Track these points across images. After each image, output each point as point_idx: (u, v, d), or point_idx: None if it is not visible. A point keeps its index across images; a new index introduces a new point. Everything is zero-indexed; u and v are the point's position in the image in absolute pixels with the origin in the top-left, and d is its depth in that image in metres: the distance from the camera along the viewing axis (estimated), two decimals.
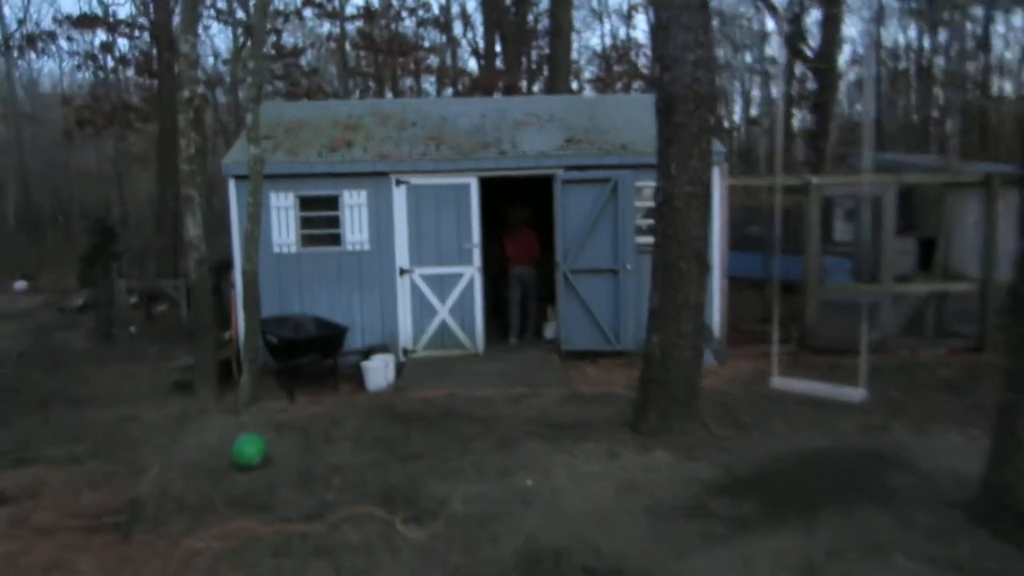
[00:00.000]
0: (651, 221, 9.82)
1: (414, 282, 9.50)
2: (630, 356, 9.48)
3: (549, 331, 10.24)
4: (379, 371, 8.57)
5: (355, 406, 7.68)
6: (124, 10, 47.00)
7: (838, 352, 9.24)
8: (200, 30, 18.50)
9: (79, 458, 6.39)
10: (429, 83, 23.71)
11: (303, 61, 21.36)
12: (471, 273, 9.54)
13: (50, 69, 42.34)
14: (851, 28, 27.63)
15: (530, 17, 21.15)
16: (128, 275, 14.47)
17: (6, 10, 28.12)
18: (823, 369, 8.77)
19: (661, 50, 6.02)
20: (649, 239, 9.57)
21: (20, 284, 18.38)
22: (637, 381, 6.56)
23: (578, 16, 24.13)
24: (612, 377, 8.75)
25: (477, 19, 23.30)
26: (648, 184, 9.56)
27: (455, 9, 23.34)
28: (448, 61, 23.34)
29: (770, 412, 7.15)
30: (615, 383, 8.47)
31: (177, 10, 15.91)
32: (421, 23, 21.88)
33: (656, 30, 6.35)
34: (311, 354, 8.25)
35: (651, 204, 9.71)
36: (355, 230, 9.41)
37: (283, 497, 5.32)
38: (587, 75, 23.84)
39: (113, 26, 17.65)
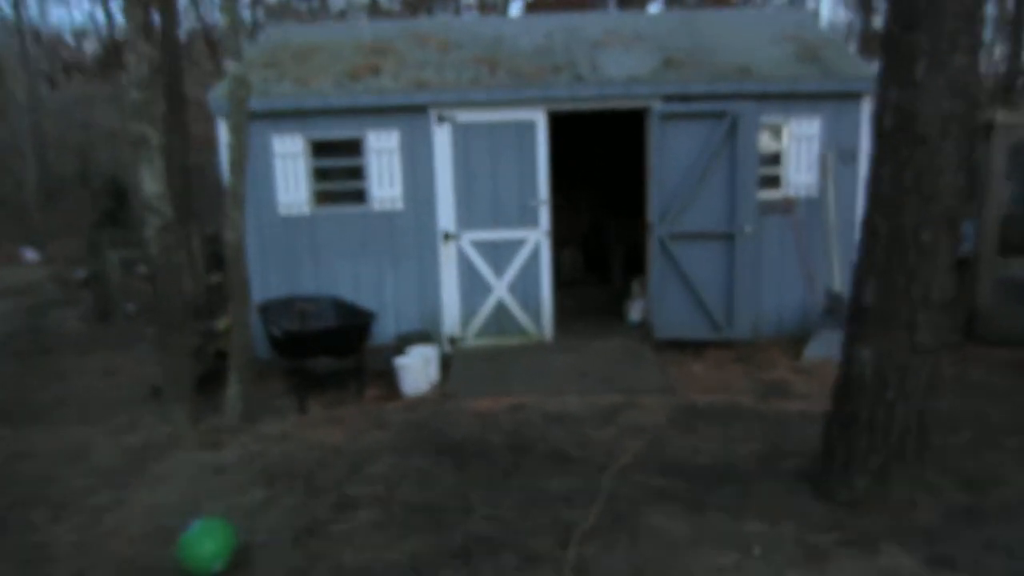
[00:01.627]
0: (779, 170, 7.36)
1: (462, 250, 7.13)
2: (743, 348, 7.05)
3: (634, 312, 7.82)
4: (418, 371, 6.26)
5: (386, 425, 5.40)
6: None
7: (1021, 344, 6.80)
8: None
9: None
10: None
11: None
12: (536, 238, 7.12)
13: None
14: None
15: None
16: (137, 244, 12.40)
17: None
18: (1006, 369, 6.31)
19: None
20: (774, 194, 7.35)
21: (29, 253, 16.40)
22: (826, 418, 4.11)
23: None
24: (727, 378, 6.34)
25: None
26: (774, 121, 7.02)
27: None
28: None
29: (993, 448, 4.70)
30: (735, 387, 6.07)
31: None
32: None
33: None
34: (327, 350, 5.98)
35: (776, 148, 7.46)
36: (384, 184, 7.03)
37: None
38: None
39: None
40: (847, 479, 3.78)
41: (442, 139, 6.95)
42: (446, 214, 7.04)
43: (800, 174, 7.06)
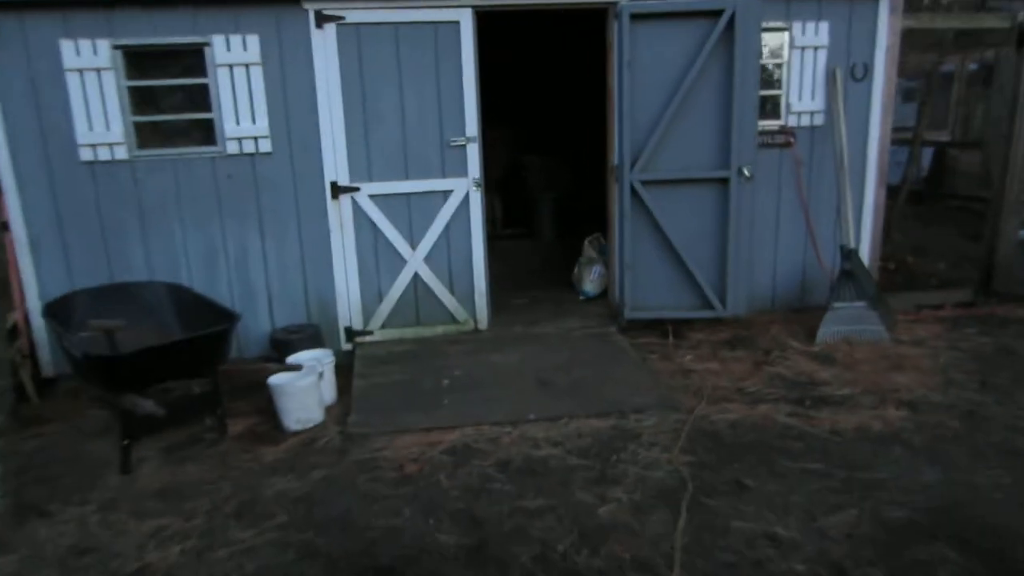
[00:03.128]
0: (776, 93, 5.56)
1: (360, 209, 4.97)
2: (735, 325, 5.37)
3: (590, 281, 5.95)
4: (304, 395, 4.15)
5: (255, 511, 3.29)
6: None
7: None
8: None
9: None
10: None
11: None
12: (464, 190, 5.07)
13: None
14: None
15: None
16: None
17: None
18: None
19: None
20: (770, 124, 5.20)
21: None
22: None
23: None
24: (734, 373, 4.60)
25: None
26: (773, 26, 5.22)
27: None
28: None
29: None
30: (751, 389, 4.36)
31: None
32: None
33: None
34: (162, 375, 3.76)
35: (773, 64, 5.34)
36: (242, 115, 4.73)
37: None
38: None
39: None
40: None
41: (325, 48, 4.69)
42: (335, 158, 4.84)
43: (803, 97, 5.32)
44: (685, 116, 4.90)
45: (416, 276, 5.11)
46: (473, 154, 4.99)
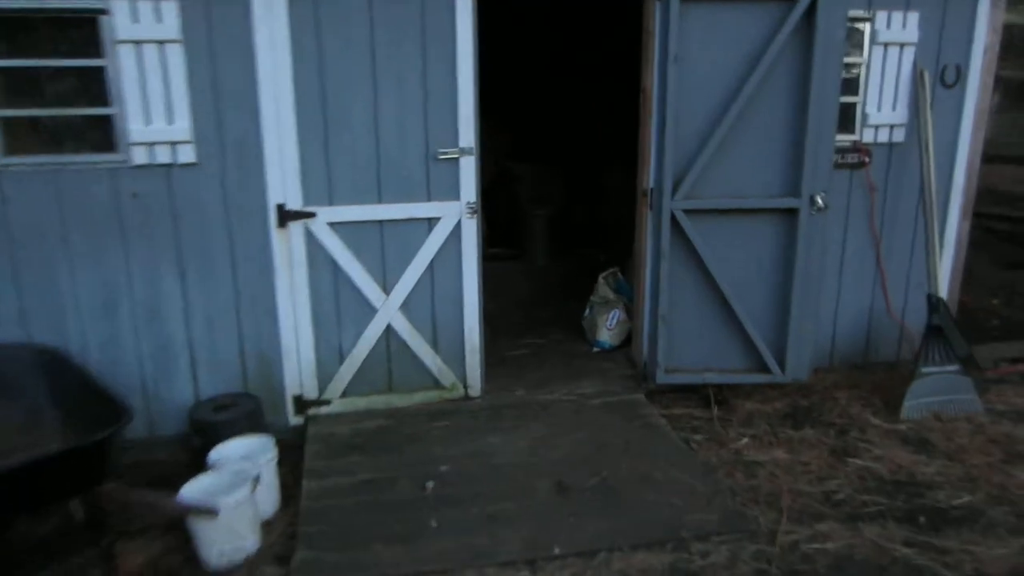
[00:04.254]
0: (851, 100, 4.21)
1: (316, 241, 3.64)
2: (796, 392, 4.22)
3: (606, 330, 4.71)
4: (232, 518, 2.87)
5: None
6: None
7: None
8: None
9: None
10: None
11: None
12: (456, 216, 3.82)
13: None
14: None
15: None
16: None
17: None
18: None
19: None
20: (841, 140, 3.75)
21: None
22: None
23: None
24: (810, 466, 3.47)
25: None
26: (856, 14, 4.08)
27: None
28: None
29: None
30: (841, 495, 3.19)
31: None
32: None
33: None
34: (11, 508, 2.47)
35: (855, 60, 4.03)
36: (153, 109, 3.39)
37: None
38: None
39: None
40: None
41: (271, 24, 3.39)
42: (283, 174, 3.54)
43: (883, 106, 4.19)
44: (745, 128, 3.72)
45: (389, 329, 3.84)
46: (468, 171, 3.74)
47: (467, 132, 3.68)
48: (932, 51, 4.13)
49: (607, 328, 4.59)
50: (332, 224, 3.63)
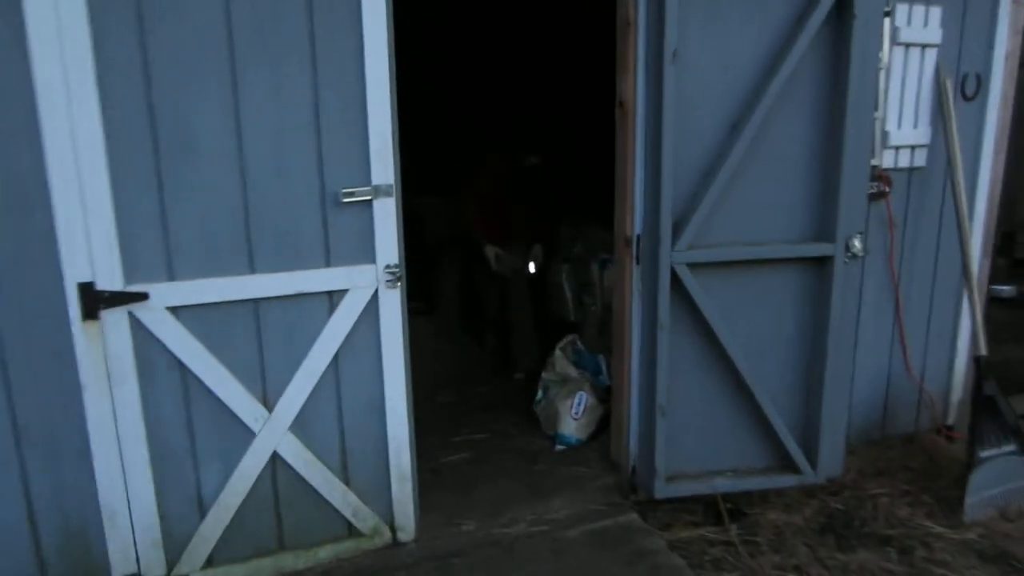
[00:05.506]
0: (879, 114, 3.16)
1: (151, 336, 2.26)
2: (822, 492, 3.20)
3: (573, 421, 3.51)
4: None
5: None
6: None
7: None
8: None
9: None
10: None
11: None
12: (370, 285, 2.56)
13: None
14: None
15: None
16: None
17: None
18: None
19: None
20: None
21: None
22: None
23: None
24: None
25: None
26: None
27: None
28: None
29: None
30: None
31: None
32: None
33: None
34: None
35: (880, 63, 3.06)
36: None
37: None
38: None
39: None
40: None
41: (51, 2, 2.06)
42: (87, 231, 2.17)
43: (904, 123, 3.32)
44: (758, 153, 2.72)
45: (276, 459, 2.51)
46: (386, 219, 2.50)
47: (384, 162, 2.45)
48: (952, 57, 3.31)
49: (572, 417, 3.43)
50: (175, 309, 2.29)
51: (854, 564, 2.74)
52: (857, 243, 2.82)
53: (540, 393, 3.62)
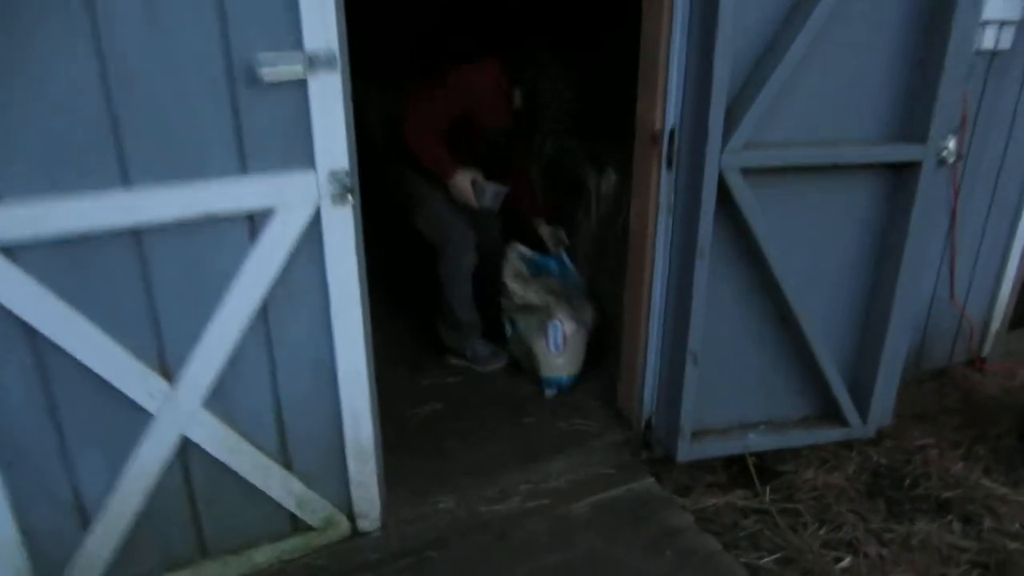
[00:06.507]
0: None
1: None
2: (862, 445, 2.68)
3: (558, 358, 2.77)
4: None
5: None
6: None
7: None
8: None
9: None
10: None
11: None
12: (311, 202, 1.73)
13: None
14: None
15: None
16: None
17: None
18: None
19: None
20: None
21: None
22: None
23: None
24: None
25: None
26: None
27: None
28: None
29: None
30: None
31: None
32: None
33: None
34: None
35: None
36: None
37: None
38: None
39: None
40: None
41: None
42: None
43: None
44: (835, 33, 1.98)
45: (186, 445, 1.80)
46: (330, 105, 1.70)
47: (323, 16, 1.61)
48: None
49: (553, 355, 2.77)
50: (8, 249, 1.48)
51: (915, 539, 2.25)
52: (951, 146, 2.16)
53: (507, 327, 2.93)
